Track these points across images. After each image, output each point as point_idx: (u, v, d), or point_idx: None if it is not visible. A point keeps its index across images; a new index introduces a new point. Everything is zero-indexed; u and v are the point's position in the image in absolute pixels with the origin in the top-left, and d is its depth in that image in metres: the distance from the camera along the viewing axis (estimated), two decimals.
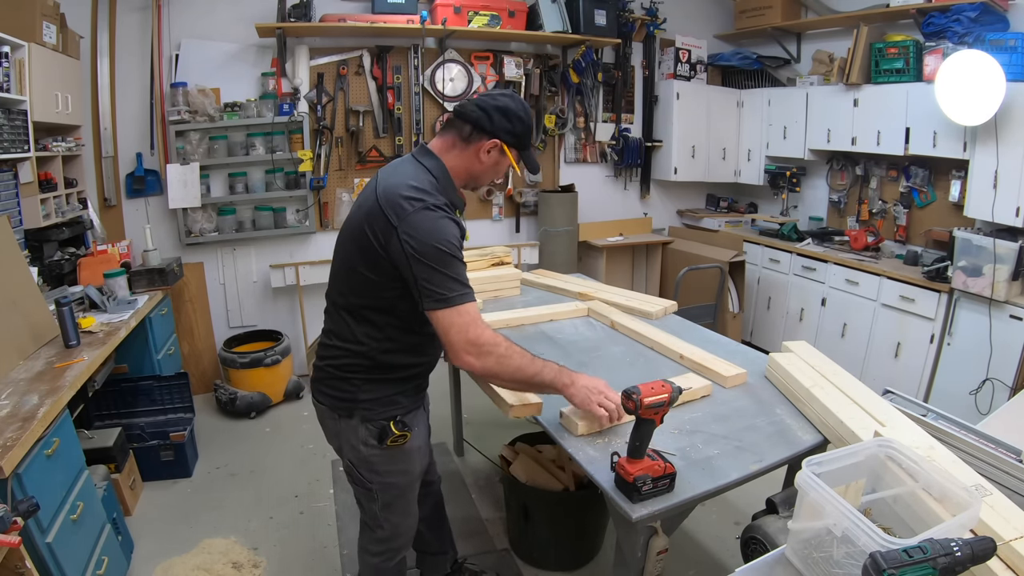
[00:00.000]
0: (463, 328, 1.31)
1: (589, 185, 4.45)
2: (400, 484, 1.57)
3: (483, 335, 1.32)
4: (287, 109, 3.47)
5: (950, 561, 0.78)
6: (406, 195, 1.30)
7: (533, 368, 1.38)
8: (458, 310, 1.30)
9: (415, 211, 1.29)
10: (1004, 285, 2.84)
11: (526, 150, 1.48)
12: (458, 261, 1.32)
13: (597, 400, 1.38)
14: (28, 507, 1.39)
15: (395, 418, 1.46)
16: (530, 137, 1.48)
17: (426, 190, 1.33)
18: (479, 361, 1.33)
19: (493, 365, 1.34)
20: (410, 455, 1.54)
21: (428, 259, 1.28)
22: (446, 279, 1.29)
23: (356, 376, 1.45)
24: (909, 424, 1.36)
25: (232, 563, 2.22)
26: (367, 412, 1.46)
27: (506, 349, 1.35)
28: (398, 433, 1.46)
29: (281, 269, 3.72)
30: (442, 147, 1.44)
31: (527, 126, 1.45)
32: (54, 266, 2.71)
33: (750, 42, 4.65)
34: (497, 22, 3.74)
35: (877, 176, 3.90)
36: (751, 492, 1.50)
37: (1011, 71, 2.81)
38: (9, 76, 2.31)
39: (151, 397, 2.89)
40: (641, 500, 1.19)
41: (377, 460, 1.50)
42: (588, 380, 1.41)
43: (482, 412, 3.20)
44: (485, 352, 1.32)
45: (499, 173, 1.51)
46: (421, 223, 1.29)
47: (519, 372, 1.37)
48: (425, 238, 1.28)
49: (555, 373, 1.40)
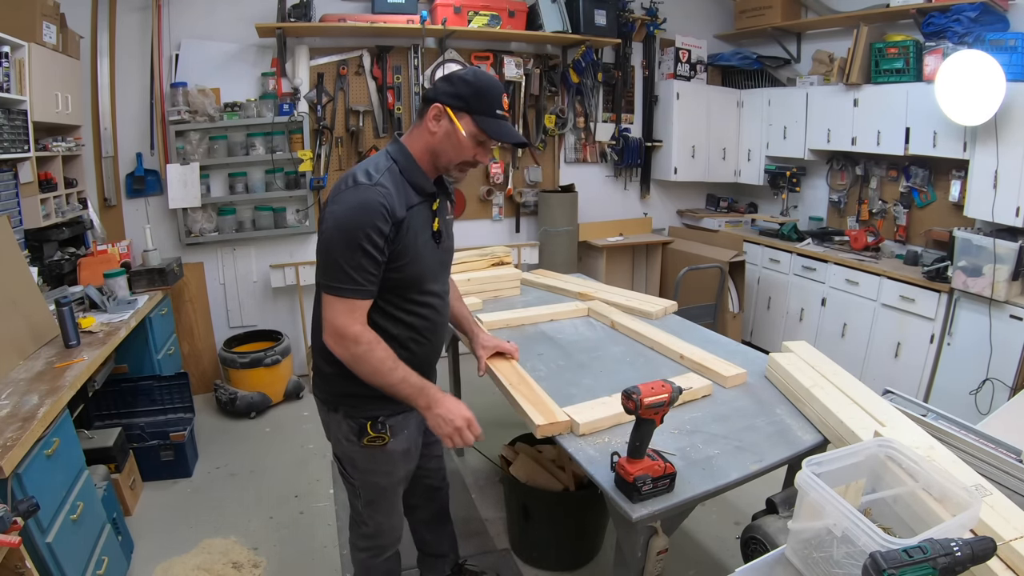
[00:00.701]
0: (335, 312, 1.32)
1: (589, 185, 4.45)
2: (381, 484, 1.56)
3: (350, 327, 1.31)
4: (287, 109, 3.47)
5: (950, 561, 0.78)
6: (354, 175, 1.34)
7: (392, 377, 1.35)
8: (340, 299, 1.32)
9: (347, 190, 1.32)
10: (1004, 285, 2.84)
11: (483, 115, 1.36)
12: (361, 252, 1.29)
13: (447, 432, 1.37)
14: (28, 507, 1.39)
15: (376, 419, 1.46)
16: (484, 101, 1.36)
17: (371, 173, 1.33)
18: (341, 350, 1.34)
19: (348, 358, 1.34)
20: (391, 458, 1.53)
21: (332, 241, 1.31)
22: (338, 266, 1.30)
23: (335, 369, 1.42)
24: (909, 424, 1.36)
25: (232, 563, 2.22)
26: (349, 408, 1.48)
27: (367, 350, 1.32)
28: (373, 434, 1.46)
29: (281, 269, 3.72)
30: (407, 132, 1.45)
31: (474, 87, 1.35)
32: (54, 266, 2.71)
33: (750, 42, 4.65)
34: (497, 22, 3.74)
35: (877, 176, 3.90)
36: (751, 492, 1.50)
37: (1011, 71, 2.81)
38: (9, 76, 2.31)
39: (151, 397, 2.89)
40: (641, 500, 1.19)
41: (358, 457, 1.52)
42: (447, 408, 1.37)
43: (482, 412, 3.18)
44: (346, 344, 1.33)
45: (462, 147, 1.37)
46: (344, 202, 1.31)
47: (375, 375, 1.34)
48: (340, 221, 1.30)
49: (414, 390, 1.37)
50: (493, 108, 1.37)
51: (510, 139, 1.41)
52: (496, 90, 1.39)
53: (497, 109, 1.37)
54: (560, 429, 1.48)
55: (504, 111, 1.39)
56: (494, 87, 1.39)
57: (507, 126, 1.40)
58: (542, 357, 1.95)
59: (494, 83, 1.41)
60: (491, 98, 1.36)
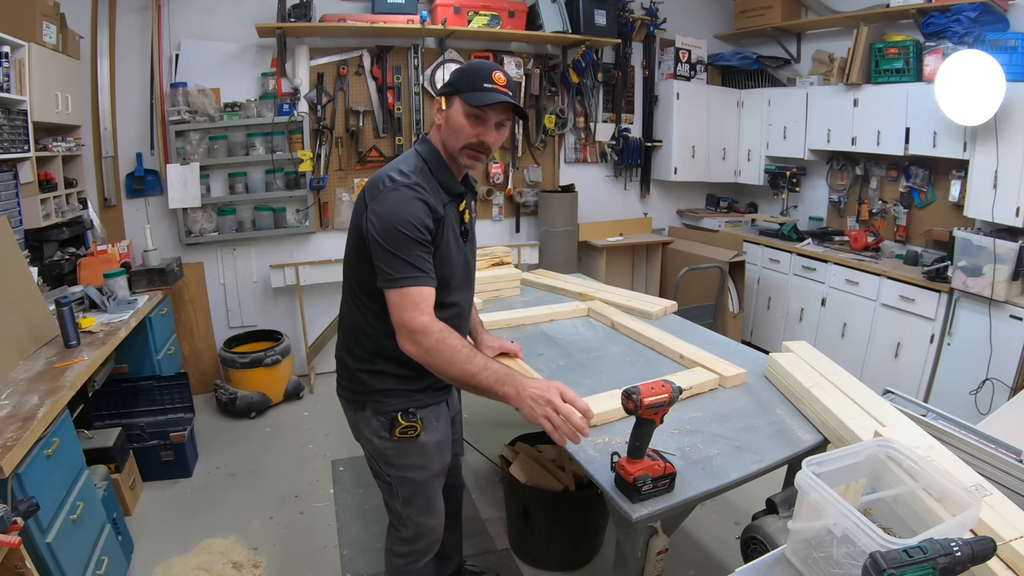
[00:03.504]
0: (402, 309, 1.29)
1: (589, 185, 4.45)
2: (418, 479, 1.53)
3: (416, 320, 1.27)
4: (287, 109, 3.47)
5: (950, 561, 0.78)
6: (387, 175, 1.35)
7: (472, 366, 1.26)
8: (401, 292, 1.29)
9: (386, 190, 1.32)
10: (1004, 285, 2.84)
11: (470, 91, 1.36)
12: (415, 243, 1.30)
13: (543, 412, 1.20)
14: (28, 507, 1.39)
15: (405, 409, 1.45)
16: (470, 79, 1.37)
17: (407, 172, 1.35)
18: (413, 347, 1.29)
19: (423, 354, 1.28)
20: (426, 449, 1.50)
21: (384, 238, 1.29)
22: (396, 260, 1.29)
23: (363, 366, 1.46)
24: (909, 424, 1.36)
25: (232, 563, 2.22)
26: (377, 404, 1.46)
27: (437, 341, 1.26)
28: (405, 424, 1.45)
29: (281, 269, 3.72)
30: (431, 131, 1.47)
31: (461, 71, 1.40)
32: (54, 266, 2.71)
33: (750, 42, 4.65)
34: (497, 22, 3.73)
35: (877, 176, 3.90)
36: (751, 492, 1.50)
37: (1011, 71, 2.81)
38: (9, 76, 2.31)
39: (151, 397, 2.89)
40: (641, 500, 1.19)
41: (391, 452, 1.50)
42: (536, 389, 1.22)
43: (482, 412, 3.21)
44: (416, 339, 1.28)
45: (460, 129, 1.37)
46: (387, 200, 1.31)
47: (450, 366, 1.27)
48: (387, 218, 1.29)
49: (497, 378, 1.26)
50: (480, 83, 1.36)
51: (492, 99, 1.35)
52: (483, 68, 1.38)
53: (485, 83, 1.36)
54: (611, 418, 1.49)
55: (495, 84, 1.36)
56: (481, 65, 1.40)
57: (492, 91, 1.35)
58: (542, 357, 1.95)
59: (483, 63, 1.43)
60: (476, 75, 1.36)
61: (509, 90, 1.39)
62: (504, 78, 1.38)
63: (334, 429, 3.22)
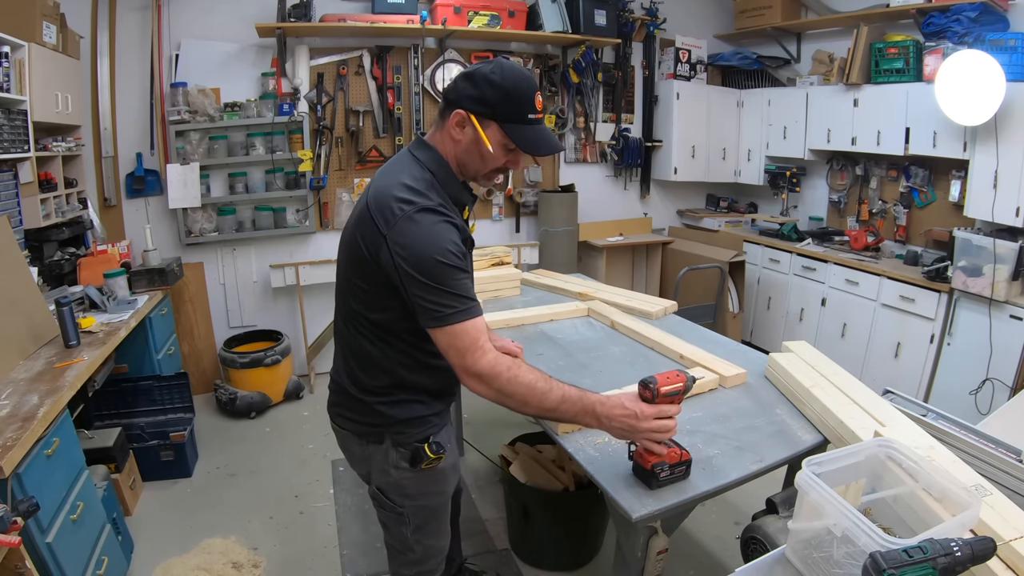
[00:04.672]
0: (460, 352, 1.16)
1: (589, 185, 4.45)
2: (433, 505, 1.43)
3: (480, 363, 1.15)
4: (287, 109, 3.47)
5: (950, 561, 0.78)
6: (397, 196, 1.16)
7: (549, 401, 1.19)
8: (455, 330, 1.15)
9: (405, 216, 1.14)
10: (1004, 285, 2.84)
11: (513, 123, 1.19)
12: (457, 271, 1.15)
13: (644, 446, 1.21)
14: (28, 507, 1.39)
15: (428, 439, 1.32)
16: (514, 105, 1.18)
17: (419, 189, 1.18)
18: (483, 390, 1.18)
19: (495, 396, 1.18)
20: (444, 475, 1.41)
21: (421, 273, 1.13)
22: (442, 294, 1.13)
23: (381, 399, 1.31)
24: (909, 424, 1.36)
25: (232, 563, 2.22)
26: (397, 436, 1.33)
27: (508, 382, 1.16)
28: (433, 456, 1.31)
29: (281, 269, 3.72)
30: (433, 135, 1.28)
31: (502, 91, 1.17)
32: (54, 266, 2.71)
33: (750, 42, 4.65)
34: (497, 22, 3.74)
35: (877, 176, 3.90)
36: (751, 492, 1.50)
37: (1011, 71, 2.81)
38: (9, 76, 2.31)
39: (151, 397, 2.89)
40: (660, 486, 1.21)
41: (408, 483, 1.36)
42: (619, 423, 1.18)
43: (482, 412, 3.21)
44: (486, 383, 1.17)
45: (491, 157, 1.22)
46: (412, 231, 1.13)
47: (526, 407, 1.19)
48: (418, 250, 1.13)
49: (576, 411, 1.20)
50: (524, 113, 1.19)
51: (547, 150, 1.23)
52: (528, 90, 1.19)
53: (529, 113, 1.20)
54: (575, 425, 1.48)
55: (538, 113, 1.21)
56: (525, 86, 1.19)
57: (543, 134, 1.23)
58: (542, 357, 1.95)
59: (525, 81, 1.20)
60: (522, 101, 1.18)
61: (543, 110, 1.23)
62: (542, 100, 1.24)
63: None
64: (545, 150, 1.23)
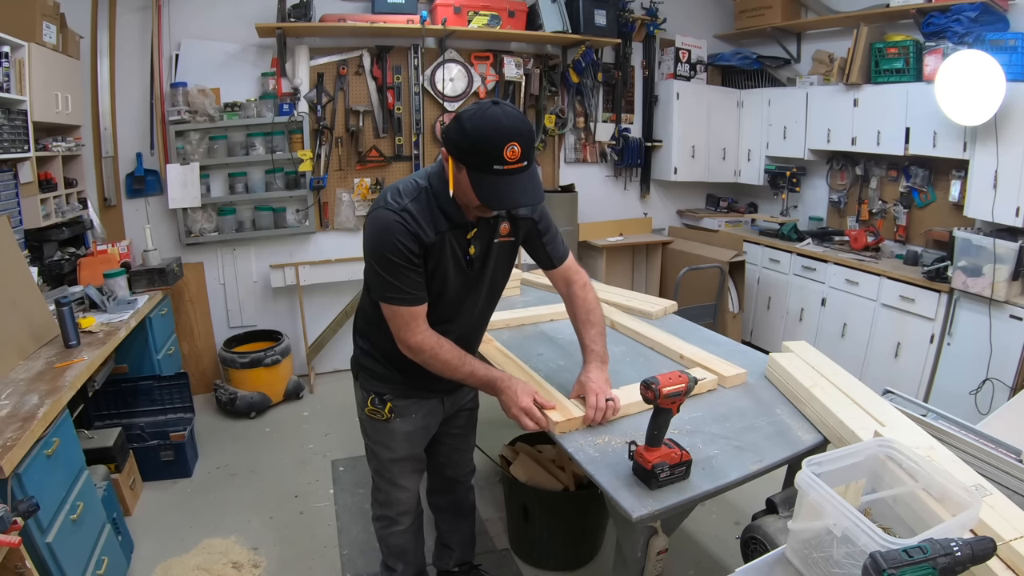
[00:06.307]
0: (397, 327, 1.41)
1: (589, 185, 4.45)
2: (382, 457, 1.68)
3: (410, 339, 1.40)
4: (287, 109, 3.47)
5: (950, 561, 0.78)
6: (387, 195, 1.36)
7: (460, 374, 1.45)
8: (394, 309, 1.39)
9: (374, 210, 1.36)
10: (1004, 285, 2.84)
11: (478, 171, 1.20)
12: (400, 266, 1.32)
13: (512, 415, 1.47)
14: (28, 507, 1.39)
15: (381, 395, 1.58)
16: (479, 155, 1.18)
17: (401, 193, 1.35)
18: (410, 356, 1.44)
19: (419, 362, 1.45)
20: (393, 435, 1.63)
21: (372, 258, 1.37)
22: (384, 280, 1.35)
23: (360, 344, 1.63)
24: (909, 424, 1.36)
25: (232, 563, 2.22)
26: (364, 379, 1.63)
27: (431, 357, 1.42)
28: (371, 408, 1.60)
29: (281, 269, 3.72)
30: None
31: (471, 139, 1.19)
32: (54, 266, 2.71)
33: (750, 42, 4.65)
34: (497, 22, 3.73)
35: (877, 176, 3.90)
36: (751, 492, 1.50)
37: (1011, 71, 2.81)
38: (9, 76, 2.31)
39: (151, 397, 2.89)
40: (660, 486, 1.21)
41: (367, 425, 1.67)
42: (508, 395, 1.46)
43: (482, 412, 3.19)
44: (411, 352, 1.43)
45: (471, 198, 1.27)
46: (370, 226, 1.36)
47: (443, 374, 1.46)
48: (370, 241, 1.35)
49: (482, 383, 1.49)
50: (489, 163, 1.18)
51: (504, 205, 1.24)
52: (498, 141, 1.17)
53: (495, 164, 1.18)
54: (577, 424, 1.49)
55: (511, 163, 1.18)
56: (496, 138, 1.17)
57: (508, 186, 1.20)
58: (542, 357, 1.95)
59: (495, 129, 1.17)
60: (487, 151, 1.18)
61: (526, 159, 1.19)
62: (519, 149, 1.17)
63: (334, 429, 3.22)
64: (502, 204, 1.26)
